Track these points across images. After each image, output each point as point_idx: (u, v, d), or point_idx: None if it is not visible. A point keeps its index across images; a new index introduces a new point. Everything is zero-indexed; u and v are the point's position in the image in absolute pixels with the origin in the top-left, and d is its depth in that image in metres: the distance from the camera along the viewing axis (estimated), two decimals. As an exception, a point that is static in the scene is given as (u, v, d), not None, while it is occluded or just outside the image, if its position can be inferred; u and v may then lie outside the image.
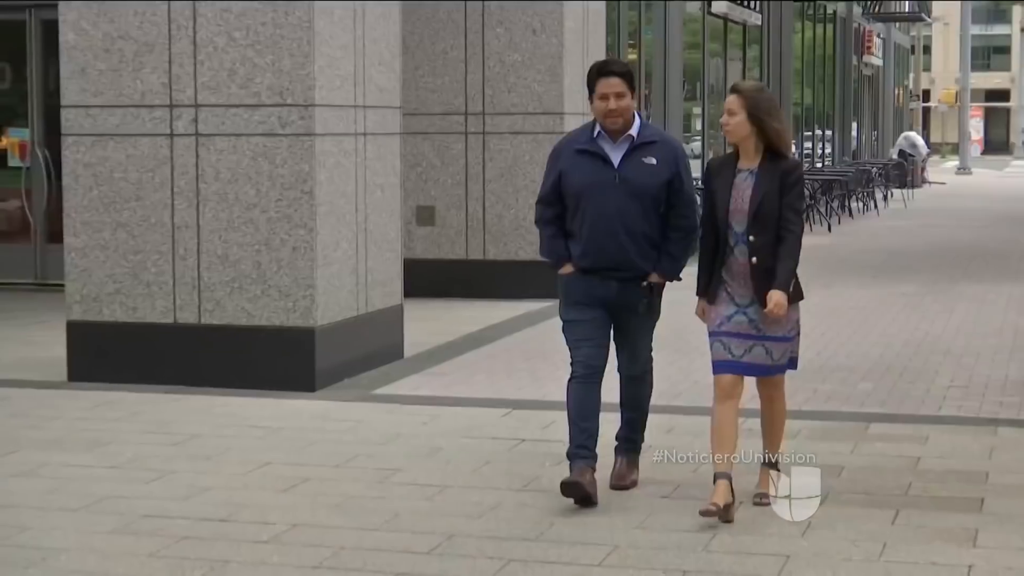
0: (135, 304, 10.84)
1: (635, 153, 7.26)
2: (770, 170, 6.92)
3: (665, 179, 7.24)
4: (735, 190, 6.96)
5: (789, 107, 31.98)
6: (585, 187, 7.25)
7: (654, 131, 7.58)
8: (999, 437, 9.04)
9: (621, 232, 7.22)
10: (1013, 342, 12.85)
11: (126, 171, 10.79)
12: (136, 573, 6.39)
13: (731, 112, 6.94)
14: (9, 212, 17.44)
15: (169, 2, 10.62)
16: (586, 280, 7.34)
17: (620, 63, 7.50)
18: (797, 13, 32.79)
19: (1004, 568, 6.35)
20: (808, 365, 11.48)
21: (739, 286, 7.01)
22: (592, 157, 7.28)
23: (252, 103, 10.54)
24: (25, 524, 7.15)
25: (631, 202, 7.20)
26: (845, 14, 40.44)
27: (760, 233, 6.87)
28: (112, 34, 10.74)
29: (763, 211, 6.86)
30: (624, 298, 7.32)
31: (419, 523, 7.10)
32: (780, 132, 6.97)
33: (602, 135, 7.31)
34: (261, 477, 8.10)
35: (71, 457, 8.57)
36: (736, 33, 27.85)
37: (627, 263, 7.26)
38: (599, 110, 7.23)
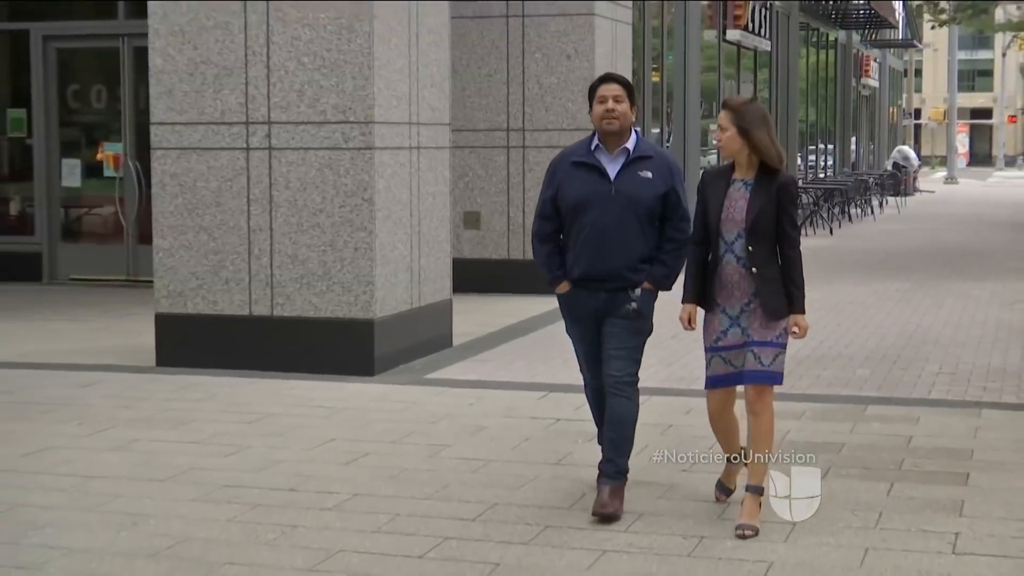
0: (215, 298, 10.87)
1: (631, 166, 6.61)
2: (766, 184, 6.32)
3: (661, 192, 6.60)
4: (728, 200, 6.37)
5: (795, 124, 31.90)
6: (582, 199, 6.61)
7: (650, 146, 6.87)
8: (983, 418, 9.00)
9: (615, 244, 6.57)
10: (995, 333, 12.78)
11: (207, 181, 10.82)
12: (215, 537, 6.41)
13: (722, 128, 6.34)
14: (105, 217, 17.49)
15: (246, 31, 10.65)
16: (576, 295, 6.73)
17: (620, 75, 6.86)
18: (802, 40, 32.68)
19: (987, 535, 6.33)
20: (811, 353, 11.48)
21: (728, 295, 6.40)
22: (589, 169, 6.64)
23: (319, 120, 10.55)
24: (118, 492, 7.18)
25: (627, 214, 6.56)
26: (845, 41, 40.29)
27: (759, 244, 6.30)
28: (195, 59, 10.77)
29: (759, 223, 6.27)
30: (612, 304, 6.64)
31: (465, 493, 7.10)
32: (767, 143, 6.28)
33: (599, 148, 6.67)
34: (325, 452, 8.12)
35: (158, 433, 8.60)
36: (748, 58, 27.76)
37: (616, 275, 6.59)
38: (597, 113, 6.57)
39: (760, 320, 6.36)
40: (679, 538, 6.23)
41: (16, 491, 7.23)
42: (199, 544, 6.29)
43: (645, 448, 7.46)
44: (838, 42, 39.30)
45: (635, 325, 6.67)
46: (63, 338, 12.62)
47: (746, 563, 5.87)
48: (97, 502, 7.02)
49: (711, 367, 6.49)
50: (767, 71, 29.69)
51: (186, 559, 6.07)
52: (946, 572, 5.83)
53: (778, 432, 8.44)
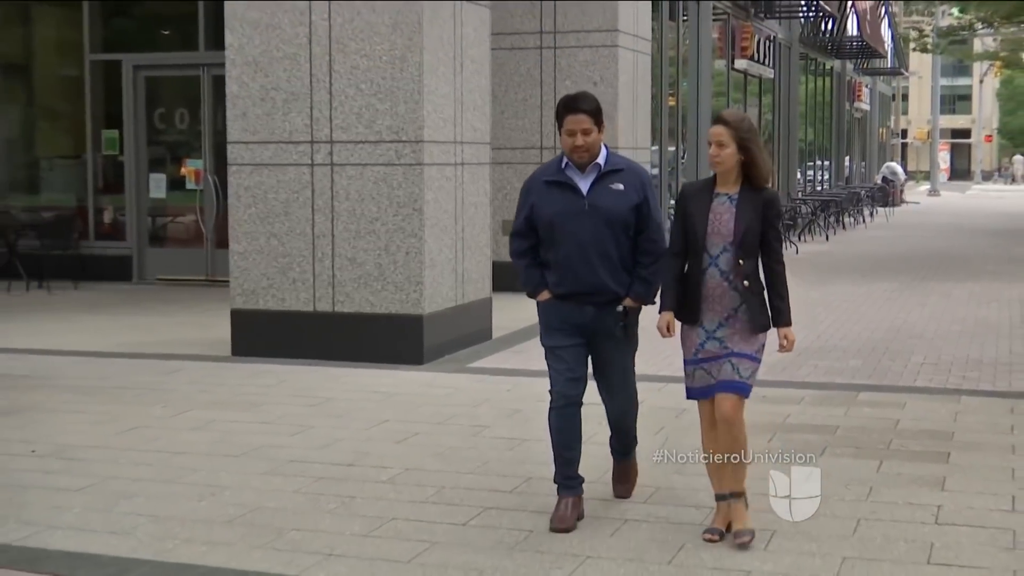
0: (283, 296, 10.89)
1: (603, 180, 6.05)
2: (752, 199, 5.73)
3: (633, 204, 6.03)
4: (713, 214, 5.74)
5: (795, 143, 31.83)
6: (556, 216, 6.04)
7: (620, 159, 6.26)
8: (962, 404, 8.94)
9: (594, 257, 6.01)
10: (974, 329, 12.71)
11: (277, 192, 10.85)
12: (283, 506, 6.42)
13: (721, 144, 5.71)
14: (187, 224, 17.57)
15: (311, 61, 10.68)
16: (563, 306, 6.13)
17: (589, 99, 6.12)
18: (802, 68, 32.57)
19: (966, 507, 6.30)
20: (810, 345, 11.43)
21: (708, 308, 5.77)
22: (561, 187, 6.07)
23: (375, 140, 10.57)
24: (197, 467, 7.21)
25: (602, 227, 6.00)
26: (840, 69, 40.15)
27: (748, 258, 5.72)
28: (267, 86, 10.81)
29: (747, 237, 5.69)
30: (600, 323, 6.08)
31: (503, 468, 7.10)
32: (764, 159, 5.76)
33: (570, 166, 6.09)
34: (380, 431, 8.12)
35: (233, 415, 8.63)
36: (753, 84, 27.68)
37: (601, 287, 6.03)
38: (567, 145, 6.02)
39: (741, 333, 5.77)
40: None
41: (110, 465, 7.27)
42: (269, 512, 6.31)
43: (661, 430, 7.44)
44: (834, 70, 39.17)
45: (626, 347, 6.24)
46: (150, 331, 12.68)
47: (751, 531, 5.84)
48: (179, 475, 7.05)
49: (694, 379, 5.88)
50: (770, 96, 29.61)
51: (257, 525, 6.09)
52: (930, 540, 5.80)
53: (779, 416, 8.47)
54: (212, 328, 12.15)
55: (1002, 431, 8.09)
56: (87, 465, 7.27)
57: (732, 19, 24.42)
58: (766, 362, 10.79)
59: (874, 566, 5.47)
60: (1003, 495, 6.55)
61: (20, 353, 11.24)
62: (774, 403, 8.87)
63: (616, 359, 6.25)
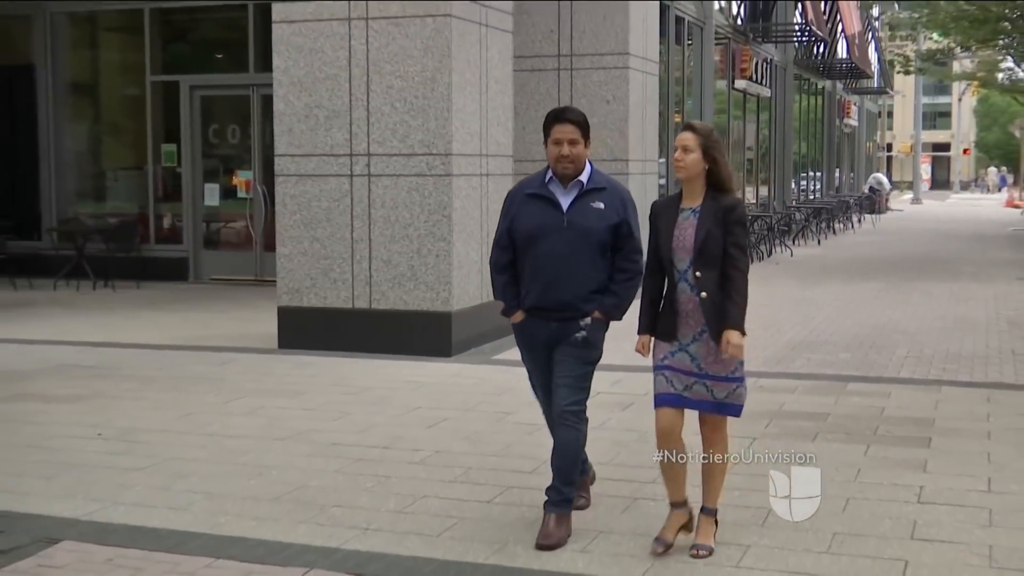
0: (325, 294, 10.91)
1: (584, 198, 5.54)
2: (712, 208, 5.23)
3: (612, 223, 5.52)
4: (678, 228, 5.26)
5: (790, 155, 31.71)
6: (535, 230, 5.55)
7: (604, 178, 5.71)
8: (943, 394, 8.91)
9: (567, 274, 5.51)
10: (953, 325, 12.65)
11: (319, 201, 10.87)
12: (325, 484, 6.43)
13: (686, 149, 5.23)
14: (238, 229, 17.61)
15: (351, 82, 10.69)
16: (529, 325, 5.66)
17: (576, 112, 5.69)
18: (796, 88, 32.47)
19: (946, 488, 6.29)
20: (803, 340, 11.41)
21: (681, 323, 5.27)
22: (542, 201, 5.58)
23: (408, 153, 10.58)
24: (247, 449, 7.23)
25: (579, 245, 5.48)
26: (831, 89, 40.02)
27: (706, 268, 5.20)
28: (310, 104, 10.83)
29: (708, 248, 5.18)
30: (563, 333, 5.56)
31: (524, 451, 7.09)
32: (729, 172, 5.30)
33: (553, 181, 5.60)
34: (412, 417, 8.13)
35: (279, 402, 8.65)
36: (752, 103, 27.61)
37: (568, 305, 5.52)
38: (552, 155, 5.55)
39: (713, 351, 5.25)
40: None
41: (168, 447, 7.30)
42: (312, 490, 6.32)
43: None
44: (825, 89, 39.04)
45: (583, 354, 5.59)
46: (205, 326, 12.72)
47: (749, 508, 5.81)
48: (231, 456, 7.06)
49: (655, 384, 5.34)
50: (767, 113, 29.52)
51: (301, 502, 6.10)
52: (913, 518, 5.78)
53: (775, 404, 8.45)
54: (260, 323, 12.18)
55: (979, 419, 8.06)
56: (148, 447, 7.30)
57: (732, 43, 24.37)
58: (764, 355, 10.84)
59: (862, 541, 5.45)
60: (980, 477, 6.53)
61: (88, 346, 11.29)
62: (770, 392, 8.86)
63: (567, 364, 5.59)
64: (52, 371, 9.96)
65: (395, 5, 10.57)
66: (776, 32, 28.00)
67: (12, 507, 6.04)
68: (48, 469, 6.79)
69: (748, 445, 7.21)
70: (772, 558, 5.23)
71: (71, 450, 7.24)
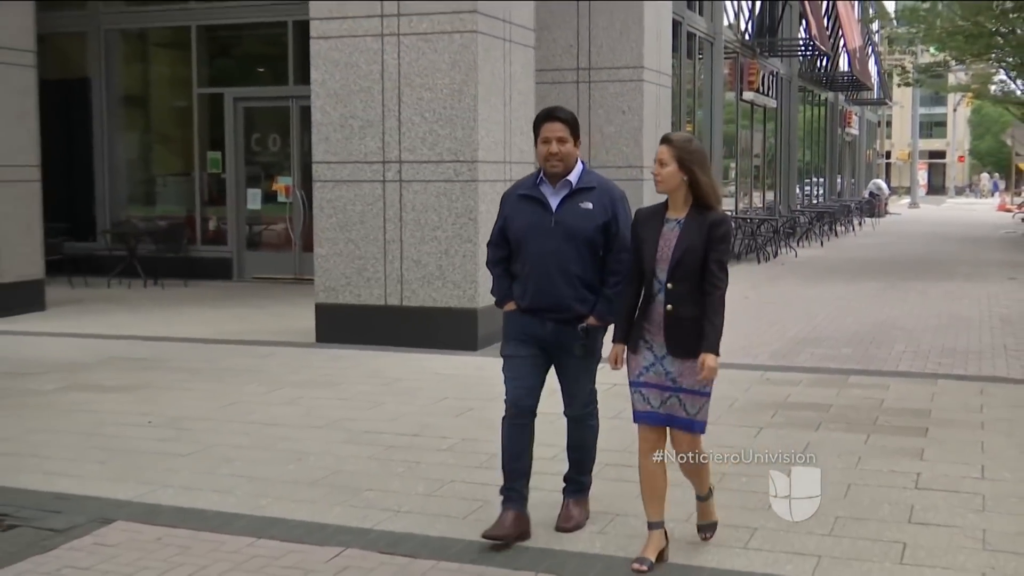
0: (359, 292, 10.93)
1: (573, 198, 5.26)
2: (697, 221, 4.81)
3: (601, 223, 5.22)
4: (662, 239, 4.86)
5: (795, 162, 31.62)
6: (525, 230, 5.28)
7: (594, 177, 5.39)
8: (938, 386, 8.86)
9: (557, 274, 5.22)
10: (947, 322, 12.58)
11: (354, 205, 10.89)
12: (359, 470, 6.45)
13: (662, 163, 4.84)
14: (278, 231, 17.65)
15: (383, 94, 10.70)
16: (524, 318, 5.35)
17: (566, 111, 5.40)
18: (800, 99, 32.35)
19: (942, 475, 6.27)
20: (807, 336, 11.37)
21: (657, 335, 4.87)
22: (532, 202, 5.30)
23: (436, 160, 10.58)
24: (286, 436, 7.24)
25: (566, 245, 5.20)
26: (833, 100, 39.84)
27: (679, 281, 4.79)
28: (345, 115, 10.84)
29: (685, 261, 4.77)
30: (560, 339, 5.29)
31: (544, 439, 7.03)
32: (706, 181, 4.83)
33: (543, 181, 5.32)
34: (440, 407, 8.13)
35: (317, 392, 8.67)
36: (759, 113, 27.50)
37: (563, 304, 5.24)
38: (541, 153, 5.26)
39: (690, 368, 4.85)
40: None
41: (213, 434, 7.32)
42: (347, 475, 6.33)
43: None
44: (827, 100, 38.88)
45: (586, 363, 5.40)
46: (247, 321, 12.75)
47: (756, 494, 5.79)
48: (271, 443, 7.08)
49: (633, 402, 5.01)
50: (773, 123, 29.41)
51: (337, 486, 6.12)
52: (911, 503, 5.75)
53: (781, 396, 8.42)
54: (299, 319, 12.21)
55: (973, 410, 8.01)
56: (194, 434, 7.33)
57: (741, 57, 24.30)
58: (770, 350, 10.81)
59: (863, 524, 5.43)
60: (974, 464, 6.50)
61: (139, 339, 11.33)
62: (776, 384, 8.83)
63: (573, 374, 5.44)
64: (106, 363, 10.01)
65: (425, 22, 10.58)
66: (782, 47, 27.91)
67: (69, 489, 6.08)
68: (102, 454, 6.83)
69: (755, 434, 7.20)
70: (778, 540, 5.21)
71: (123, 437, 7.28)
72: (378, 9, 10.69)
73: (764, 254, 21.46)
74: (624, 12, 15.28)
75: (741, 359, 9.98)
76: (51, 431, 7.42)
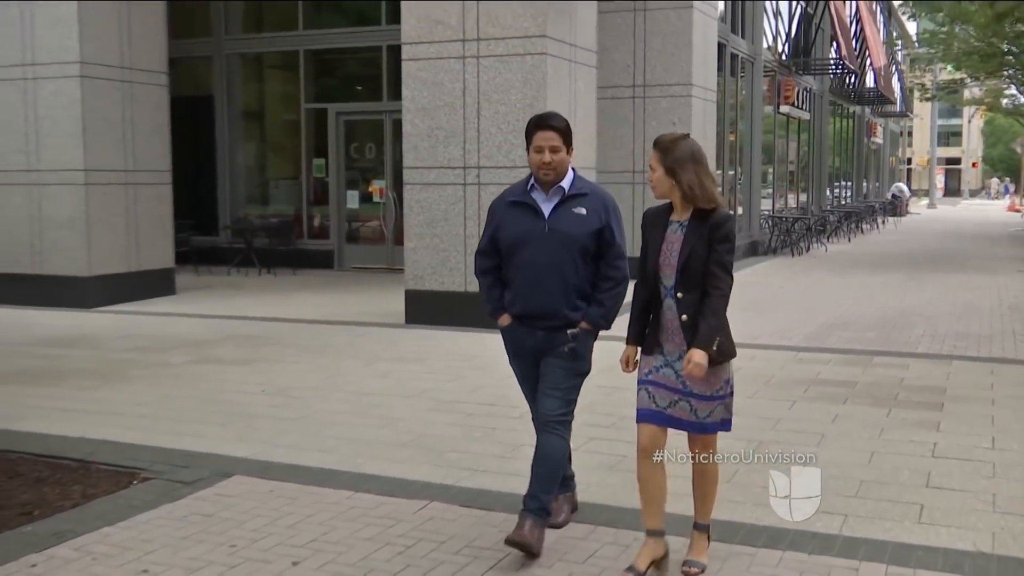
0: (443, 280, 10.96)
1: (566, 204, 4.58)
2: (699, 224, 4.16)
3: (594, 228, 4.55)
4: (666, 243, 4.23)
5: (826, 168, 31.14)
6: (517, 237, 4.59)
7: (586, 184, 4.75)
8: (953, 367, 8.69)
9: (549, 280, 4.54)
10: (962, 310, 12.33)
11: (439, 205, 10.91)
12: (442, 434, 6.47)
13: (652, 168, 4.26)
14: (373, 227, 17.74)
15: (464, 109, 10.71)
16: (516, 331, 4.69)
17: (559, 118, 4.73)
18: (830, 112, 31.88)
19: (956, 445, 6.14)
20: (836, 321, 11.20)
21: (667, 340, 4.21)
22: (524, 208, 4.61)
23: (510, 166, 10.57)
24: (380, 404, 7.29)
25: (560, 251, 4.52)
26: (860, 112, 39.21)
27: (689, 290, 4.13)
28: (432, 127, 10.87)
29: (691, 266, 4.12)
30: (550, 344, 4.60)
31: (604, 408, 7.06)
32: (695, 183, 4.14)
33: (535, 188, 4.65)
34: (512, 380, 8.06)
35: (406, 367, 8.70)
36: (794, 124, 27.13)
37: (554, 312, 4.55)
38: (534, 162, 4.60)
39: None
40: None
41: (317, 402, 7.39)
42: (432, 438, 6.36)
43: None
44: (855, 113, 38.27)
45: (572, 366, 4.62)
46: (347, 305, 12.85)
47: (790, 460, 5.72)
48: (367, 410, 7.13)
49: (639, 399, 4.30)
50: (807, 133, 29.01)
51: (423, 447, 6.14)
52: (928, 469, 5.65)
53: (812, 373, 8.31)
54: (391, 303, 12.28)
55: (984, 387, 7.85)
56: (301, 401, 7.40)
57: (778, 75, 23.98)
58: (803, 333, 10.66)
59: (884, 487, 5.34)
60: (985, 436, 6.37)
61: (255, 320, 11.48)
62: (808, 363, 8.72)
63: (553, 377, 4.61)
64: (226, 339, 10.14)
65: (501, 46, 10.57)
66: (815, 66, 27.51)
67: (195, 447, 6.17)
68: (223, 417, 6.92)
69: (789, 407, 7.11)
70: (809, 500, 5.14)
71: (241, 403, 7.37)
72: (460, 35, 10.70)
73: (797, 249, 21.20)
74: (675, 36, 15.17)
75: (777, 341, 9.87)
76: (180, 397, 7.55)
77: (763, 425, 6.57)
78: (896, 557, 4.41)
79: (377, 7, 17.01)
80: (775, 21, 24.25)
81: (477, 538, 4.67)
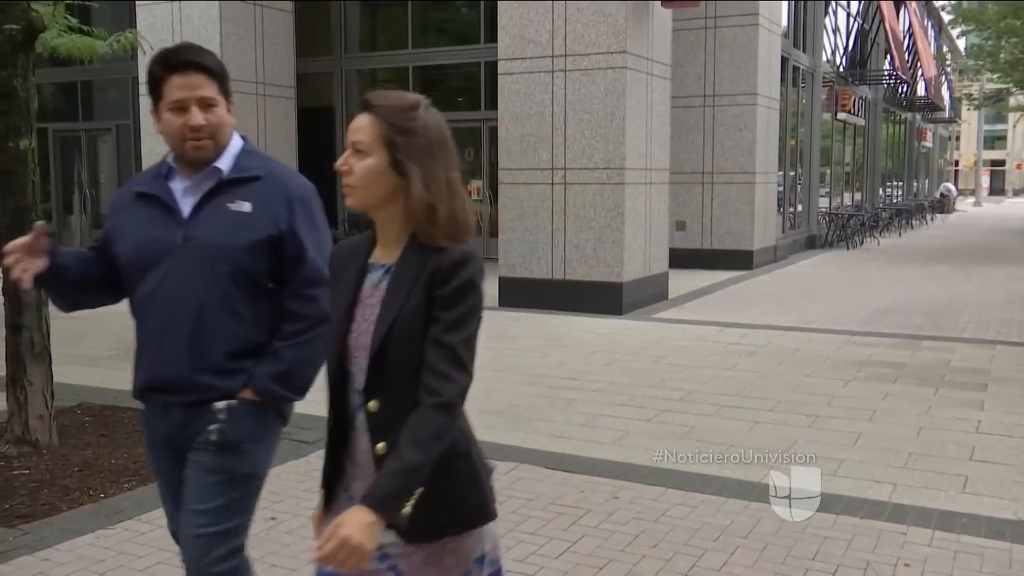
0: (532, 268, 10.96)
1: (221, 195, 2.35)
2: (414, 267, 1.82)
3: (264, 236, 2.34)
4: (360, 306, 1.86)
5: (879, 169, 30.30)
6: (138, 252, 2.36)
7: (260, 161, 2.43)
8: (997, 351, 8.39)
9: (184, 327, 2.32)
10: (1006, 298, 11.89)
11: (529, 202, 10.91)
12: (530, 404, 6.47)
13: (356, 147, 1.84)
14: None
15: (552, 117, 10.68)
16: (146, 413, 2.44)
17: (204, 52, 2.34)
18: (884, 118, 31.00)
19: (998, 422, 5.93)
20: (887, 308, 10.90)
21: (360, 484, 1.89)
22: (151, 204, 2.37)
23: (592, 167, 10.51)
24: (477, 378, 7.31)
25: (205, 276, 2.31)
26: (911, 119, 38.07)
27: (388, 392, 1.81)
28: (524, 132, 10.86)
29: (392, 352, 1.79)
30: (191, 429, 2.36)
31: (674, 384, 7.00)
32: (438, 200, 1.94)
33: (174, 170, 2.39)
34: (593, 358, 8.11)
35: (499, 344, 8.70)
36: (850, 130, 26.45)
37: (190, 381, 2.33)
38: (174, 128, 2.31)
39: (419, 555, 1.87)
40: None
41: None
42: (521, 408, 6.36)
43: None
44: (907, 120, 37.17)
45: (222, 464, 2.36)
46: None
47: (842, 433, 5.60)
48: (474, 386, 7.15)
49: None
50: (862, 138, 28.27)
51: (513, 416, 6.15)
52: (972, 444, 5.47)
53: (865, 355, 8.11)
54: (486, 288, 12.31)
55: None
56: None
57: (835, 85, 23.40)
58: (858, 317, 10.47)
59: (931, 459, 5.19)
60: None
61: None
62: (861, 346, 8.51)
63: (196, 490, 2.36)
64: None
65: (585, 61, 10.50)
66: (869, 76, 26.80)
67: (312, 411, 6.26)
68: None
69: (843, 385, 6.95)
70: (861, 470, 5.02)
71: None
72: (550, 51, 10.66)
73: (852, 243, 20.72)
74: (742, 51, 14.91)
75: (833, 325, 9.66)
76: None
77: (819, 401, 6.44)
78: (942, 523, 4.28)
79: (476, 28, 17.06)
80: (834, 36, 23.68)
81: (560, 497, 4.67)
